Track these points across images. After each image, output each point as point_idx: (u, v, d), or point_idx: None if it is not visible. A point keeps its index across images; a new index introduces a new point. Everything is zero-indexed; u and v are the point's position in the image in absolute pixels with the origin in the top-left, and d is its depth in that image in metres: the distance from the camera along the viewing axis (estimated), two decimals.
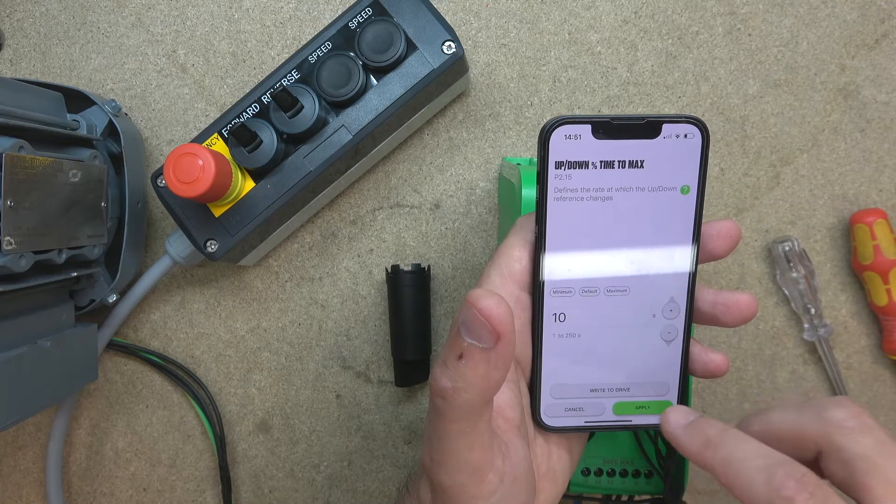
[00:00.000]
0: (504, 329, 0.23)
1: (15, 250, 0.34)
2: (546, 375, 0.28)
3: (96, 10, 0.48)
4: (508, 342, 0.23)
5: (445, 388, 0.23)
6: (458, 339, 0.23)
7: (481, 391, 0.23)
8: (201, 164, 0.36)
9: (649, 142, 0.26)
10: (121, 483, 0.50)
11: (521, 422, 0.27)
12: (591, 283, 0.27)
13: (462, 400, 0.23)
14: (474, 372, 0.23)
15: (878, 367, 0.48)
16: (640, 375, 0.28)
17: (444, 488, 0.25)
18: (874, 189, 0.47)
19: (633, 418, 0.29)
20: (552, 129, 0.26)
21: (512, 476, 0.26)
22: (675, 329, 0.28)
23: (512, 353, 0.24)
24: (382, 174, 0.48)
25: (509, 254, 0.28)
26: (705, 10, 0.47)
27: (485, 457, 0.25)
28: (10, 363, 0.37)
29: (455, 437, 0.24)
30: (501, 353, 0.23)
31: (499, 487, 0.25)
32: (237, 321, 0.49)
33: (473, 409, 0.24)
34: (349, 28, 0.40)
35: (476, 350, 0.23)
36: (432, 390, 0.24)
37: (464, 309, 0.23)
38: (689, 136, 0.26)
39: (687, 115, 0.26)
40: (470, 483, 0.25)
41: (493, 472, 0.25)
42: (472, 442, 0.24)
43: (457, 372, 0.23)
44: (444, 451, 0.25)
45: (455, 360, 0.23)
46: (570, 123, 0.26)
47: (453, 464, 0.25)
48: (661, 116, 0.26)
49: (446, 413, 0.24)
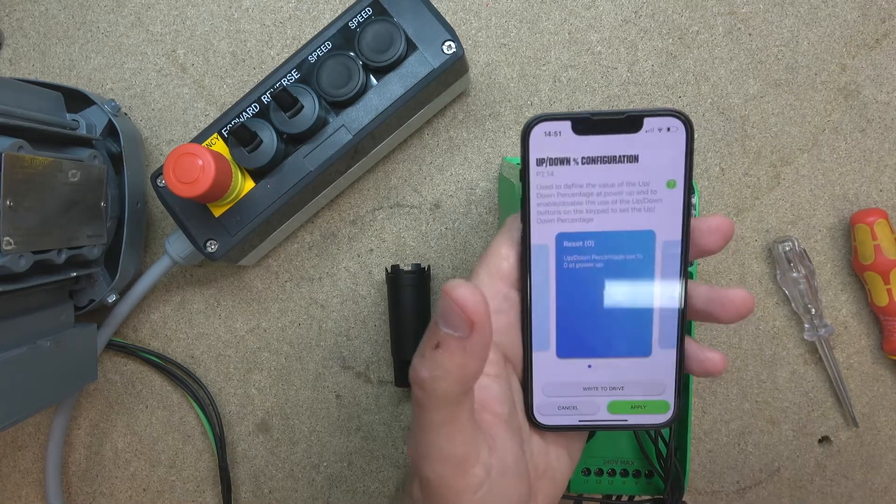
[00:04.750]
0: (479, 318, 0.23)
1: (14, 250, 0.34)
2: (538, 373, 0.28)
3: (96, 10, 0.48)
4: (483, 331, 0.23)
5: (423, 377, 0.24)
6: (436, 329, 0.24)
7: (458, 380, 0.24)
8: (201, 165, 0.36)
9: (631, 136, 0.26)
10: (120, 483, 0.50)
11: (509, 417, 0.27)
12: (579, 279, 0.27)
13: (440, 389, 0.23)
14: (451, 361, 0.23)
15: (878, 367, 0.48)
16: (633, 374, 0.28)
17: (429, 481, 0.25)
18: (874, 189, 0.47)
19: (629, 418, 0.29)
20: (531, 126, 0.26)
21: (500, 469, 0.26)
22: (669, 326, 0.28)
23: (488, 343, 0.24)
24: (382, 174, 0.48)
25: (497, 252, 0.28)
26: (705, 9, 0.47)
27: (468, 449, 0.25)
28: (9, 363, 0.36)
29: (435, 428, 0.24)
30: (477, 342, 0.23)
31: (485, 480, 0.25)
32: (237, 321, 0.49)
33: (451, 398, 0.24)
34: (349, 28, 0.40)
35: (452, 339, 0.23)
36: (412, 381, 0.24)
37: (440, 299, 0.23)
38: (672, 129, 0.26)
39: (668, 109, 0.26)
40: (453, 475, 0.25)
41: (478, 464, 0.25)
42: (452, 432, 0.24)
43: (434, 361, 0.23)
44: (426, 443, 0.25)
45: (432, 349, 0.24)
46: (549, 120, 0.26)
47: (436, 455, 0.25)
48: (642, 111, 0.26)
49: (425, 403, 0.24)
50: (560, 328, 0.28)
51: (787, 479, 0.49)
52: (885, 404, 0.48)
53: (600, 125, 0.26)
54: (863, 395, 0.48)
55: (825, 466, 0.49)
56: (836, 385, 0.47)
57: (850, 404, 0.48)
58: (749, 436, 0.49)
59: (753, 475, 0.49)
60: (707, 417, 0.49)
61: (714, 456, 0.49)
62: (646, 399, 0.28)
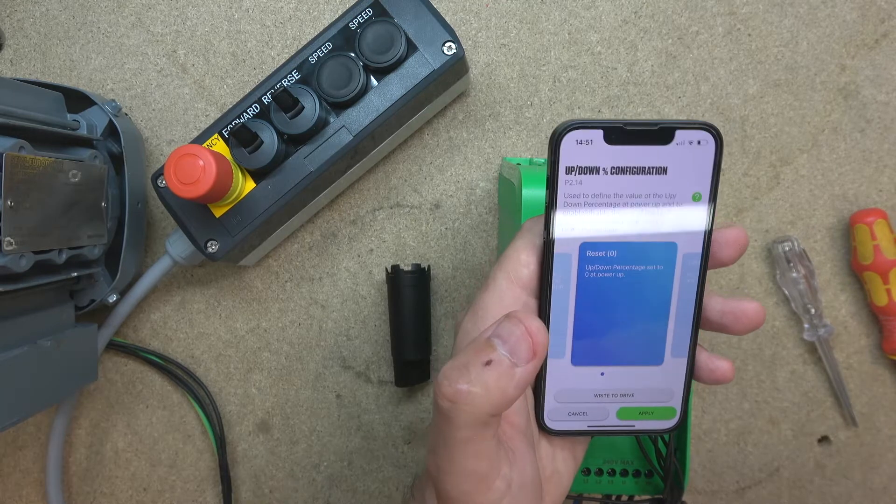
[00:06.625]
0: (540, 352, 0.24)
1: (15, 250, 0.34)
2: (551, 380, 0.28)
3: (96, 10, 0.48)
4: (537, 366, 0.24)
5: (460, 390, 0.23)
6: (489, 348, 0.24)
7: (494, 403, 0.24)
8: (202, 165, 0.36)
9: (661, 148, 0.26)
10: (121, 483, 0.50)
11: (526, 427, 0.28)
12: (599, 289, 0.27)
13: (475, 406, 0.23)
14: (496, 382, 0.23)
15: (877, 367, 0.48)
16: (644, 381, 0.28)
17: (450, 497, 0.25)
18: (874, 189, 0.47)
19: (637, 423, 0.29)
20: (564, 133, 0.25)
21: (519, 482, 0.26)
22: (682, 336, 0.28)
23: (531, 380, 0.25)
24: (382, 174, 0.48)
25: (516, 258, 0.28)
26: (705, 10, 0.47)
27: (491, 465, 0.25)
28: (10, 363, 0.37)
29: (461, 445, 0.24)
30: (526, 374, 0.24)
31: (506, 494, 0.25)
32: (237, 321, 0.49)
33: (481, 418, 0.24)
34: (350, 28, 0.40)
35: (506, 361, 0.24)
36: (442, 394, 0.24)
37: (506, 322, 0.24)
38: (702, 142, 0.26)
39: (701, 122, 0.26)
40: (476, 491, 0.25)
41: (499, 479, 0.25)
42: (478, 450, 0.24)
43: (479, 376, 0.23)
44: (450, 458, 0.24)
45: (480, 365, 0.24)
46: (581, 128, 0.25)
47: (459, 472, 0.25)
48: (675, 123, 0.26)
49: (454, 418, 0.24)
50: (577, 336, 0.28)
51: (786, 478, 0.49)
52: (885, 404, 0.48)
53: (632, 135, 0.26)
54: (862, 395, 0.48)
55: (824, 466, 0.49)
56: (836, 385, 0.48)
57: (849, 404, 0.48)
58: (749, 435, 0.49)
59: (753, 475, 0.49)
60: (707, 417, 0.49)
61: (714, 456, 0.49)
62: (654, 406, 0.29)
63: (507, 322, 0.24)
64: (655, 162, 0.26)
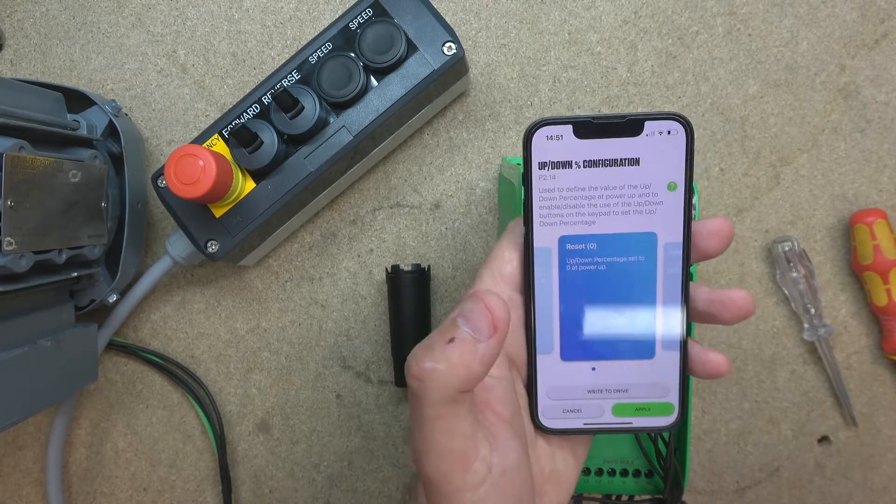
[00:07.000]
0: (501, 326, 0.24)
1: (15, 251, 0.34)
2: (542, 376, 0.28)
3: (96, 11, 0.48)
4: (499, 340, 0.25)
5: (424, 367, 0.24)
6: (453, 326, 0.24)
7: (459, 378, 0.24)
8: (202, 166, 0.36)
9: (632, 140, 0.26)
10: (121, 483, 0.50)
11: (511, 418, 0.27)
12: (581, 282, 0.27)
13: (439, 381, 0.24)
14: (459, 358, 0.24)
15: (877, 367, 0.48)
16: (637, 376, 0.28)
17: (430, 478, 0.25)
18: (874, 189, 0.47)
19: (634, 420, 0.29)
20: (534, 130, 0.26)
21: (501, 467, 0.26)
22: (672, 328, 0.28)
23: (496, 354, 0.25)
24: (382, 174, 0.48)
25: (500, 256, 0.28)
26: (705, 10, 0.47)
27: (467, 445, 0.25)
28: (10, 363, 0.37)
29: (433, 422, 0.24)
30: (490, 348, 0.24)
31: (487, 477, 0.25)
32: (237, 321, 0.49)
33: (448, 394, 0.24)
34: (350, 29, 0.40)
35: (468, 337, 0.24)
36: (410, 374, 0.24)
37: (468, 301, 0.25)
38: (672, 132, 0.26)
39: (669, 112, 0.26)
40: (454, 471, 0.25)
41: (478, 461, 0.25)
42: (451, 427, 0.24)
43: (442, 353, 0.24)
44: (425, 438, 0.25)
45: (444, 343, 0.24)
46: (551, 124, 0.26)
47: (434, 451, 0.25)
48: (643, 114, 0.26)
49: (422, 396, 0.24)
50: (563, 331, 0.28)
51: (786, 478, 0.49)
52: (885, 404, 0.48)
53: (601, 129, 0.26)
54: (862, 395, 0.48)
55: (824, 466, 0.49)
56: (836, 385, 0.48)
57: (849, 404, 0.48)
58: (748, 435, 0.49)
59: (753, 475, 0.49)
60: (707, 417, 0.49)
61: (714, 456, 0.49)
62: (650, 401, 0.28)
63: (468, 301, 0.25)
64: (627, 153, 0.26)
